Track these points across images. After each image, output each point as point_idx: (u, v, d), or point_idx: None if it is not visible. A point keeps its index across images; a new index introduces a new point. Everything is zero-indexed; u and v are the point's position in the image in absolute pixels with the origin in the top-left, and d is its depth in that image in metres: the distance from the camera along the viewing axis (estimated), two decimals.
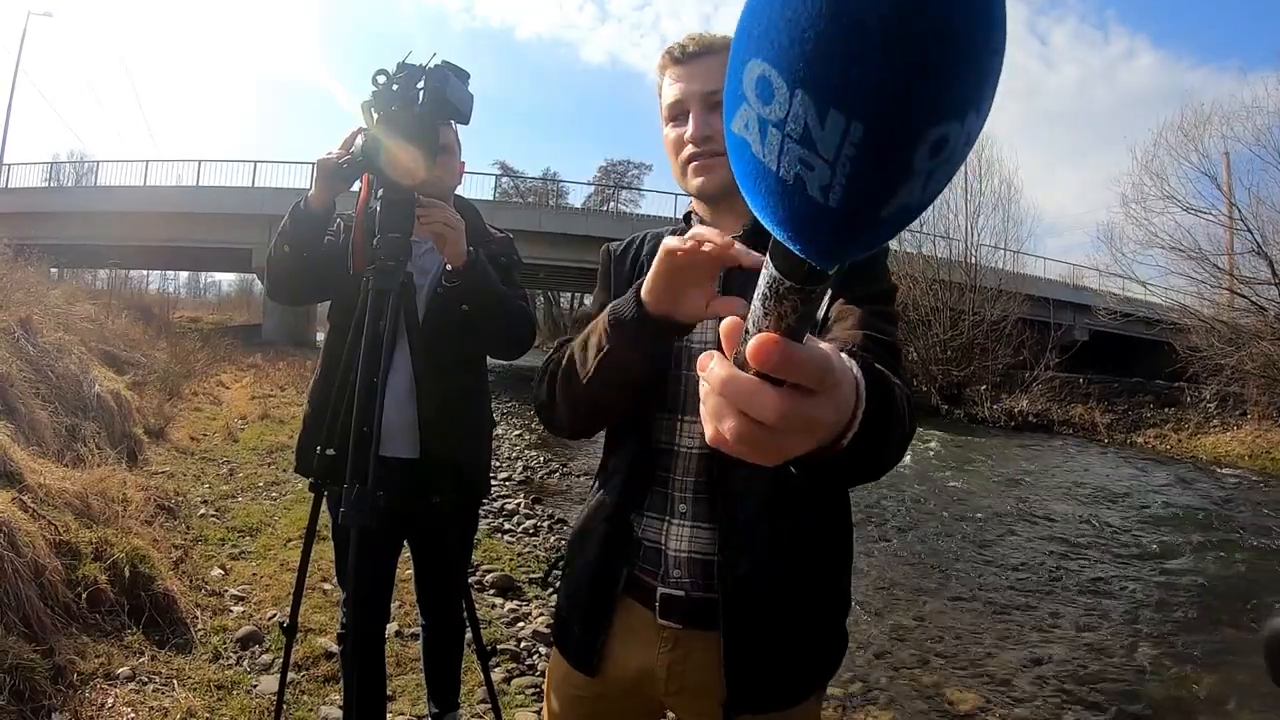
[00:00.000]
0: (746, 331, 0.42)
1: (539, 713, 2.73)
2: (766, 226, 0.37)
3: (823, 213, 0.33)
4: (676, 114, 1.18)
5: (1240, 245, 16.54)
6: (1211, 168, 17.34)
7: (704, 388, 0.46)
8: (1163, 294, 18.67)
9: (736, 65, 0.34)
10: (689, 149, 1.16)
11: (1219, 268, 16.83)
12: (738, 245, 0.78)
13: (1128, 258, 19.09)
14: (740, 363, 0.43)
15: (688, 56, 1.16)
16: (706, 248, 0.79)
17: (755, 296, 0.42)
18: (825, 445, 0.52)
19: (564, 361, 1.09)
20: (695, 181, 1.17)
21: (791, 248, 0.37)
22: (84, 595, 2.77)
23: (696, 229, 0.82)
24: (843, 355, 0.52)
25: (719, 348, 0.47)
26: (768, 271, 0.40)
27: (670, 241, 0.83)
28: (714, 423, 0.45)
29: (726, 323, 0.45)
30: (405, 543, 2.24)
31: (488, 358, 2.23)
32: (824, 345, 0.45)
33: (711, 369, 0.45)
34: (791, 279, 0.39)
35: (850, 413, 0.52)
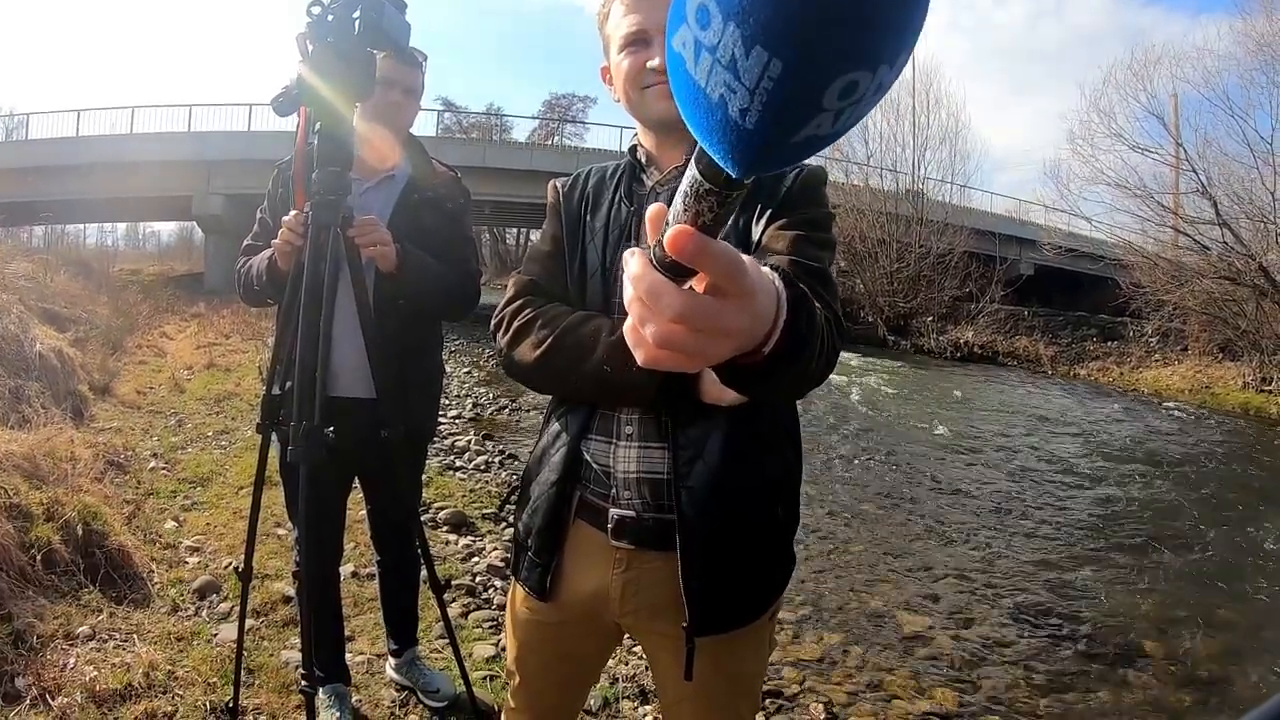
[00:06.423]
0: (667, 223, 0.45)
1: (497, 644, 2.80)
2: (693, 133, 0.41)
3: (740, 131, 0.37)
4: (634, 42, 1.18)
5: (1185, 185, 16.50)
6: (1159, 108, 17.36)
7: (627, 293, 0.49)
8: (1108, 231, 18.86)
9: None
10: (653, 75, 1.16)
11: (1164, 206, 16.91)
12: None
13: (1074, 194, 19.23)
14: (659, 256, 0.46)
15: None
16: None
17: (678, 193, 0.45)
18: (748, 353, 0.55)
19: (551, 345, 1.15)
20: (659, 106, 1.17)
21: (713, 156, 0.40)
22: (38, 557, 2.73)
23: None
24: (764, 269, 0.55)
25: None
26: (691, 173, 0.43)
27: None
28: (639, 329, 0.48)
29: (652, 209, 0.48)
30: (356, 482, 2.26)
31: None
32: (744, 256, 0.48)
33: (629, 265, 0.48)
34: (711, 182, 0.42)
35: (770, 322, 0.55)
